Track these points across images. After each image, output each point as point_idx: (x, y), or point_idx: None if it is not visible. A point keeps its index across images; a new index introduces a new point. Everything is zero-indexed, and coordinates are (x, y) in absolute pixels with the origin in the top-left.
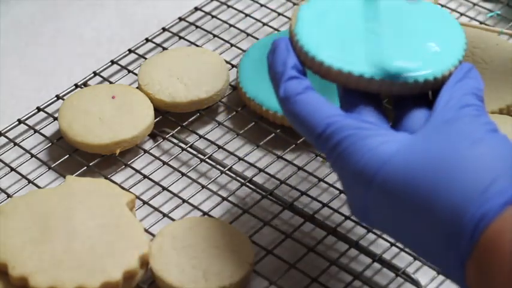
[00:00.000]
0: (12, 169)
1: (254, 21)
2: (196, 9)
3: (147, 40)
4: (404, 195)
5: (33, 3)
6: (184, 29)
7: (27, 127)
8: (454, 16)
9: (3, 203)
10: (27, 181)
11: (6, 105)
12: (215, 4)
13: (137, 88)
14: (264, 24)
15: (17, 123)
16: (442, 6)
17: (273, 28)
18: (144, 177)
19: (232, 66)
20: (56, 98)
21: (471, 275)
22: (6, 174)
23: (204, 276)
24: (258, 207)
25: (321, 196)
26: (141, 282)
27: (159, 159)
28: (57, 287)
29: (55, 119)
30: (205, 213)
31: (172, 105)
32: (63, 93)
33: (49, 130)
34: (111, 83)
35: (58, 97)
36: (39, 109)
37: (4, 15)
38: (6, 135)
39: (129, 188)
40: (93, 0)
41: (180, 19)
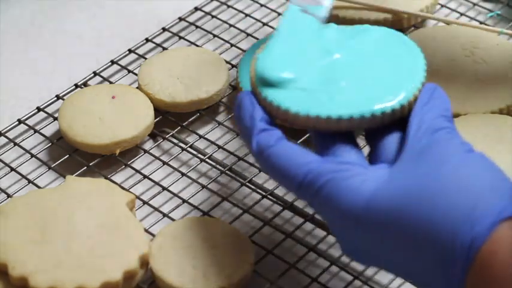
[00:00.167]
0: (12, 169)
1: (254, 21)
2: (196, 9)
3: (147, 40)
4: (391, 231)
5: (33, 3)
6: (184, 29)
7: (27, 127)
8: (406, 37)
9: (3, 203)
10: (27, 181)
11: (6, 105)
12: (215, 4)
13: (137, 88)
14: (264, 24)
15: (17, 123)
16: (442, 6)
17: (273, 28)
18: (144, 177)
19: (232, 66)
20: (56, 98)
21: None
22: (6, 174)
23: (204, 276)
24: (258, 207)
25: None
26: (141, 282)
27: (159, 159)
28: (57, 287)
29: (55, 119)
30: (205, 213)
31: (172, 105)
32: (63, 93)
33: (49, 130)
34: (111, 83)
35: (58, 97)
36: (39, 109)
37: (4, 15)
38: (6, 135)
39: (129, 188)
40: (93, 0)
41: (180, 19)
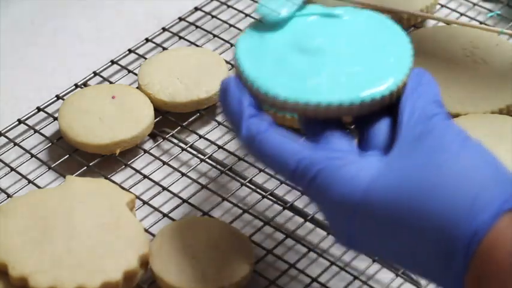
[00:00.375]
0: (12, 169)
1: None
2: (196, 9)
3: (147, 40)
4: (389, 220)
5: (33, 3)
6: (184, 29)
7: (27, 127)
8: (391, 20)
9: (3, 203)
10: (27, 181)
11: (6, 105)
12: (215, 4)
13: (137, 88)
14: None
15: (17, 123)
16: (442, 6)
17: None
18: (144, 177)
19: (232, 66)
20: (56, 98)
21: None
22: (6, 174)
23: (204, 276)
24: (258, 207)
25: None
26: (141, 282)
27: (159, 159)
28: (57, 287)
29: (55, 119)
30: (205, 213)
31: (172, 105)
32: (63, 93)
33: (49, 130)
34: (111, 83)
35: (58, 97)
36: (39, 109)
37: (4, 15)
38: (6, 135)
39: (129, 188)
40: (93, 0)
41: (180, 19)
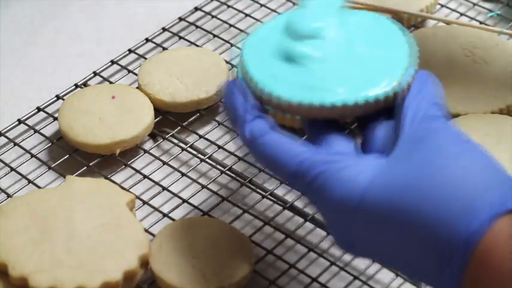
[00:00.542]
0: (12, 169)
1: (254, 21)
2: (196, 9)
3: (147, 40)
4: (389, 222)
5: (33, 3)
6: (184, 29)
7: (27, 127)
8: (398, 24)
9: (3, 203)
10: (27, 181)
11: (6, 105)
12: (215, 4)
13: (137, 88)
14: None
15: (17, 123)
16: (442, 6)
17: None
18: (144, 177)
19: (232, 66)
20: (56, 98)
21: None
22: (6, 174)
23: (204, 276)
24: (258, 207)
25: None
26: (141, 282)
27: (159, 159)
28: (57, 287)
29: (55, 119)
30: (205, 213)
31: (172, 105)
32: (63, 93)
33: (49, 130)
34: (111, 83)
35: (58, 97)
36: (39, 109)
37: (4, 15)
38: (6, 135)
39: (129, 188)
40: (93, 0)
41: (180, 19)
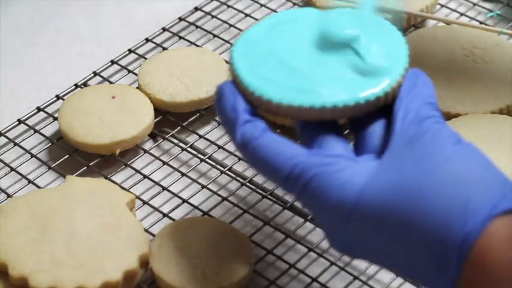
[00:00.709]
0: (12, 169)
1: (254, 21)
2: (196, 9)
3: (147, 40)
4: (383, 224)
5: (33, 3)
6: (184, 29)
7: (27, 127)
8: (386, 20)
9: (3, 203)
10: (27, 181)
11: (6, 105)
12: (215, 4)
13: (137, 88)
14: None
15: (17, 123)
16: (442, 6)
17: None
18: (144, 177)
19: None
20: (56, 98)
21: None
22: (6, 174)
23: (204, 276)
24: (258, 207)
25: None
26: (141, 282)
27: (159, 159)
28: (57, 287)
29: (55, 119)
30: (205, 213)
31: (172, 105)
32: (63, 93)
33: (49, 130)
34: (111, 83)
35: (58, 97)
36: (39, 109)
37: (4, 15)
38: (6, 135)
39: (129, 188)
40: (93, 0)
41: (180, 19)
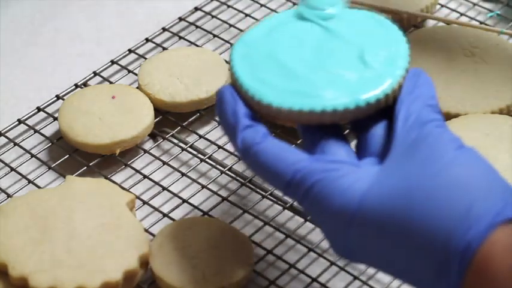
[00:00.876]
0: (12, 169)
1: (254, 21)
2: (196, 9)
3: (147, 40)
4: (385, 230)
5: (33, 3)
6: (184, 29)
7: (27, 127)
8: (386, 19)
9: (3, 203)
10: (27, 181)
11: (6, 105)
12: (215, 4)
13: (137, 88)
14: None
15: (17, 123)
16: (442, 6)
17: None
18: (144, 177)
19: None
20: (56, 98)
21: None
22: (6, 174)
23: (204, 276)
24: (258, 207)
25: None
26: (141, 282)
27: (159, 159)
28: (57, 287)
29: (55, 119)
30: (205, 213)
31: (172, 105)
32: (63, 93)
33: (49, 130)
34: (111, 83)
35: (58, 97)
36: (39, 109)
37: (4, 15)
38: (6, 135)
39: (129, 188)
40: (93, 0)
41: (180, 19)
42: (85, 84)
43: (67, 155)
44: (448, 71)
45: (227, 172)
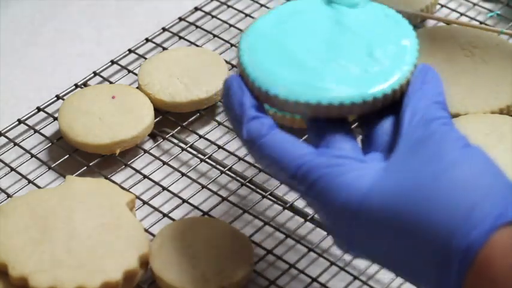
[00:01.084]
0: (12, 169)
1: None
2: (196, 9)
3: (147, 40)
4: (388, 227)
5: (33, 3)
6: (184, 29)
7: (27, 127)
8: (398, 13)
9: (3, 203)
10: (27, 181)
11: (6, 105)
12: (215, 4)
13: (137, 88)
14: None
15: (17, 123)
16: (442, 6)
17: None
18: (144, 177)
19: (232, 66)
20: (56, 98)
21: None
22: (6, 174)
23: (204, 276)
24: (258, 207)
25: None
26: (141, 282)
27: (159, 159)
28: (57, 287)
29: (55, 119)
30: (205, 213)
31: (172, 105)
32: (63, 93)
33: (49, 130)
34: (111, 83)
35: (58, 97)
36: (39, 109)
37: (4, 15)
38: (6, 135)
39: (129, 188)
40: (93, 0)
41: (180, 19)
42: (85, 84)
43: (67, 155)
44: (448, 71)
45: (227, 172)
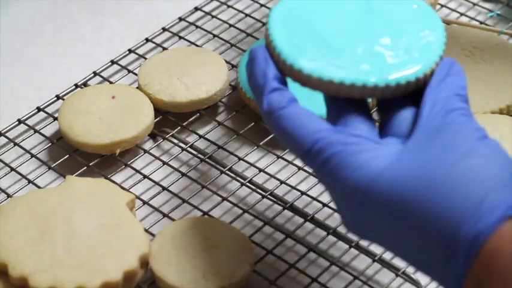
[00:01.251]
0: (12, 169)
1: (254, 21)
2: (196, 9)
3: (147, 40)
4: (396, 212)
5: (33, 3)
6: (184, 29)
7: (27, 127)
8: (429, 5)
9: (3, 203)
10: (27, 181)
11: (6, 105)
12: (215, 4)
13: (137, 88)
14: (263, 24)
15: (17, 123)
16: (442, 6)
17: None
18: (144, 177)
19: (232, 66)
20: (56, 98)
21: None
22: (6, 174)
23: (204, 276)
24: (258, 207)
25: (321, 196)
26: (141, 282)
27: (159, 159)
28: (57, 287)
29: (55, 119)
30: (205, 213)
31: (172, 105)
32: (63, 93)
33: (49, 130)
34: (111, 83)
35: (58, 97)
36: (39, 109)
37: (4, 15)
38: (6, 135)
39: (129, 188)
40: (93, 0)
41: (180, 19)
42: (85, 84)
43: (67, 155)
44: None
45: (227, 172)
